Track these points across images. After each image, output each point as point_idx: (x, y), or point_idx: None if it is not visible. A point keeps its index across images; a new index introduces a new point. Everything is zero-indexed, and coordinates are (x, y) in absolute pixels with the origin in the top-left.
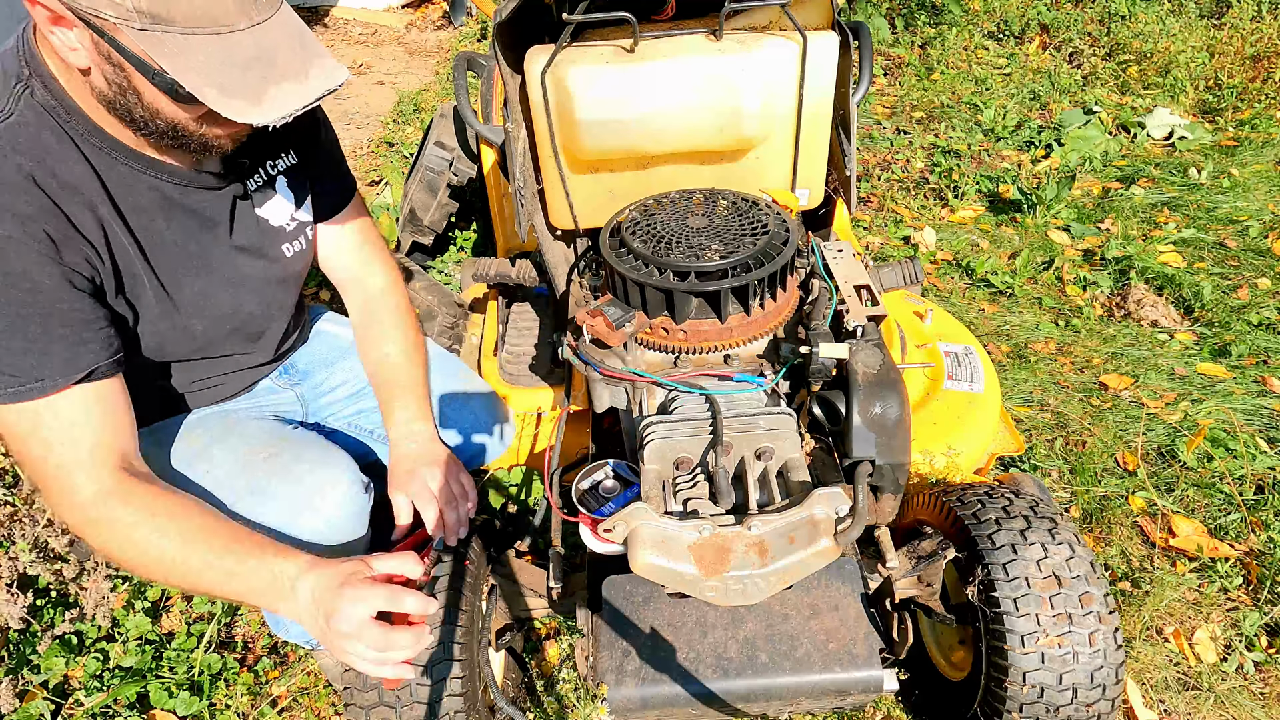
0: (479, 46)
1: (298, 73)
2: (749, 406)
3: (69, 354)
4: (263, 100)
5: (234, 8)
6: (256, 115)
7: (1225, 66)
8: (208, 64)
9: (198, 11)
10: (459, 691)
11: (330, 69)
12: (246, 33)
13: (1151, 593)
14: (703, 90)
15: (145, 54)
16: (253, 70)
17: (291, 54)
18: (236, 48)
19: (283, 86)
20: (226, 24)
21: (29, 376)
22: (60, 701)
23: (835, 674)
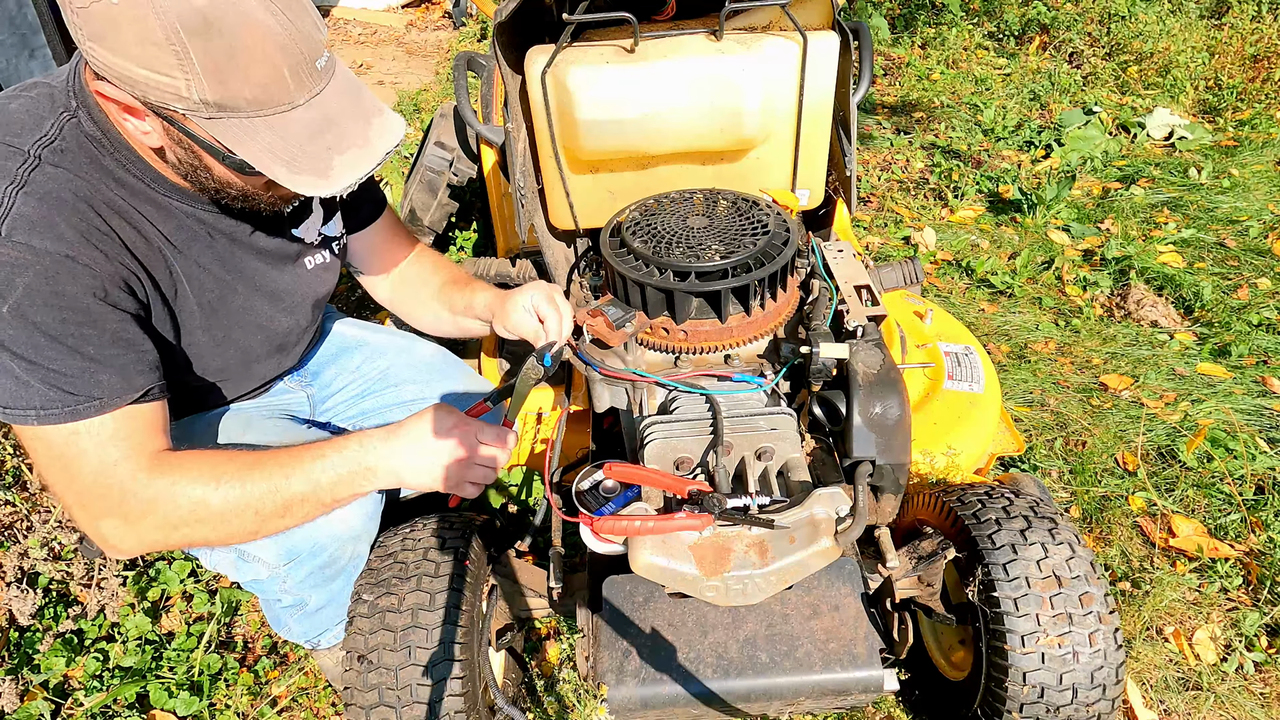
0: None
1: (360, 137)
2: (749, 406)
3: (125, 375)
4: (330, 172)
5: (293, 86)
6: (325, 188)
7: (1225, 66)
8: (274, 144)
9: (260, 95)
10: (459, 691)
11: (388, 125)
12: (306, 106)
13: (1151, 593)
14: (703, 90)
15: (214, 139)
16: (317, 143)
17: (352, 119)
18: (299, 124)
19: (347, 156)
20: (287, 102)
21: (85, 397)
22: (60, 701)
23: (835, 674)
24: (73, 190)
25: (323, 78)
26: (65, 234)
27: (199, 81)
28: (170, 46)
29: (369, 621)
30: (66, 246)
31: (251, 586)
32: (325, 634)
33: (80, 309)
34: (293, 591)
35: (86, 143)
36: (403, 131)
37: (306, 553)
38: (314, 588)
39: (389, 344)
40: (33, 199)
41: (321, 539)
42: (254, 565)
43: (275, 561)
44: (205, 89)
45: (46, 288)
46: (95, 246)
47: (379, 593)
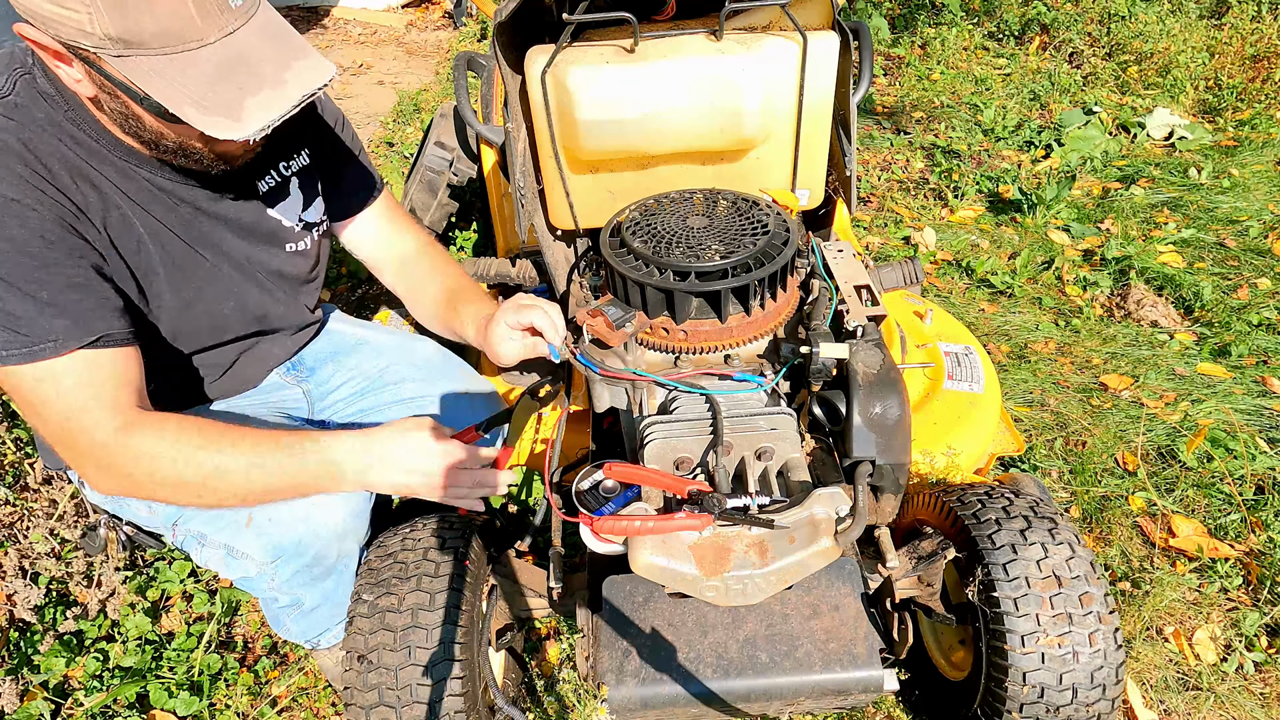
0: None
1: (275, 79)
2: (749, 406)
3: (80, 318)
4: (241, 114)
5: (200, 22)
6: (237, 130)
7: (1225, 66)
8: (183, 82)
9: (164, 30)
10: (459, 691)
11: (310, 69)
12: (218, 44)
13: (1151, 593)
14: (703, 90)
15: (127, 79)
16: (228, 82)
17: (270, 60)
18: (209, 63)
19: (260, 96)
20: (195, 39)
21: (41, 337)
22: (60, 701)
23: (835, 674)
24: (22, 140)
25: (239, 16)
26: (8, 178)
27: (100, 15)
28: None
29: (369, 621)
30: (10, 189)
31: (243, 584)
32: (325, 634)
33: (29, 252)
34: (283, 590)
35: (40, 100)
36: (325, 77)
37: (292, 550)
38: (304, 586)
39: (388, 343)
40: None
41: (306, 537)
42: (243, 562)
43: (262, 559)
44: (107, 22)
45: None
46: (42, 192)
47: (379, 593)
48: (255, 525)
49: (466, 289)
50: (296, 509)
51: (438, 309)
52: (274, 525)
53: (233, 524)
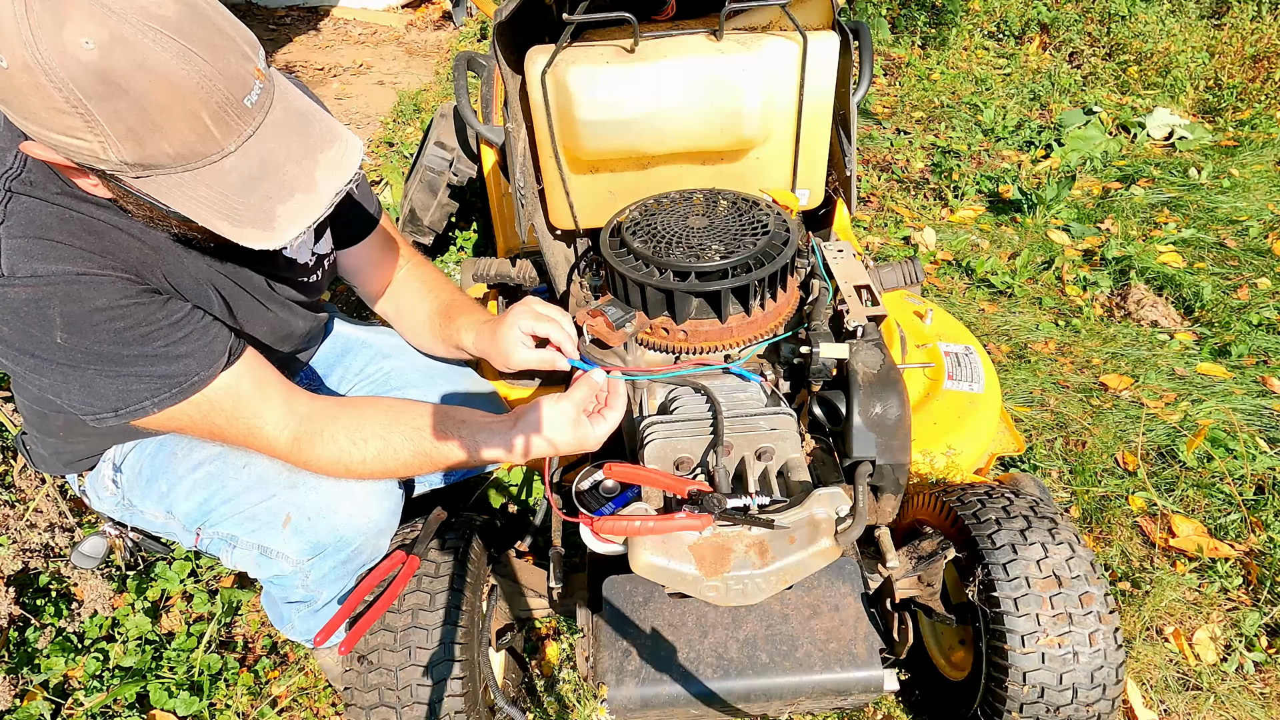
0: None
1: (305, 181)
2: (749, 406)
3: (203, 347)
4: (274, 223)
5: (219, 134)
6: (271, 240)
7: (1225, 66)
8: (210, 198)
9: (183, 151)
10: (459, 691)
11: (340, 159)
12: (239, 153)
13: (1151, 593)
14: (703, 90)
15: (150, 195)
16: (255, 192)
17: (295, 159)
18: (233, 173)
19: (290, 204)
20: (215, 151)
21: (183, 377)
22: (60, 701)
23: (835, 674)
24: (55, 216)
25: (256, 115)
26: (64, 253)
27: (114, 144)
28: (76, 112)
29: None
30: (72, 264)
31: (271, 582)
32: None
33: (123, 314)
34: (311, 586)
35: (53, 173)
36: (358, 160)
37: (332, 547)
38: (335, 583)
39: (392, 346)
40: (17, 231)
41: (347, 534)
42: (277, 561)
43: (299, 557)
44: (122, 151)
45: (80, 308)
46: (98, 254)
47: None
48: (294, 525)
49: (461, 302)
50: (337, 507)
51: (431, 325)
52: (313, 523)
53: (268, 524)
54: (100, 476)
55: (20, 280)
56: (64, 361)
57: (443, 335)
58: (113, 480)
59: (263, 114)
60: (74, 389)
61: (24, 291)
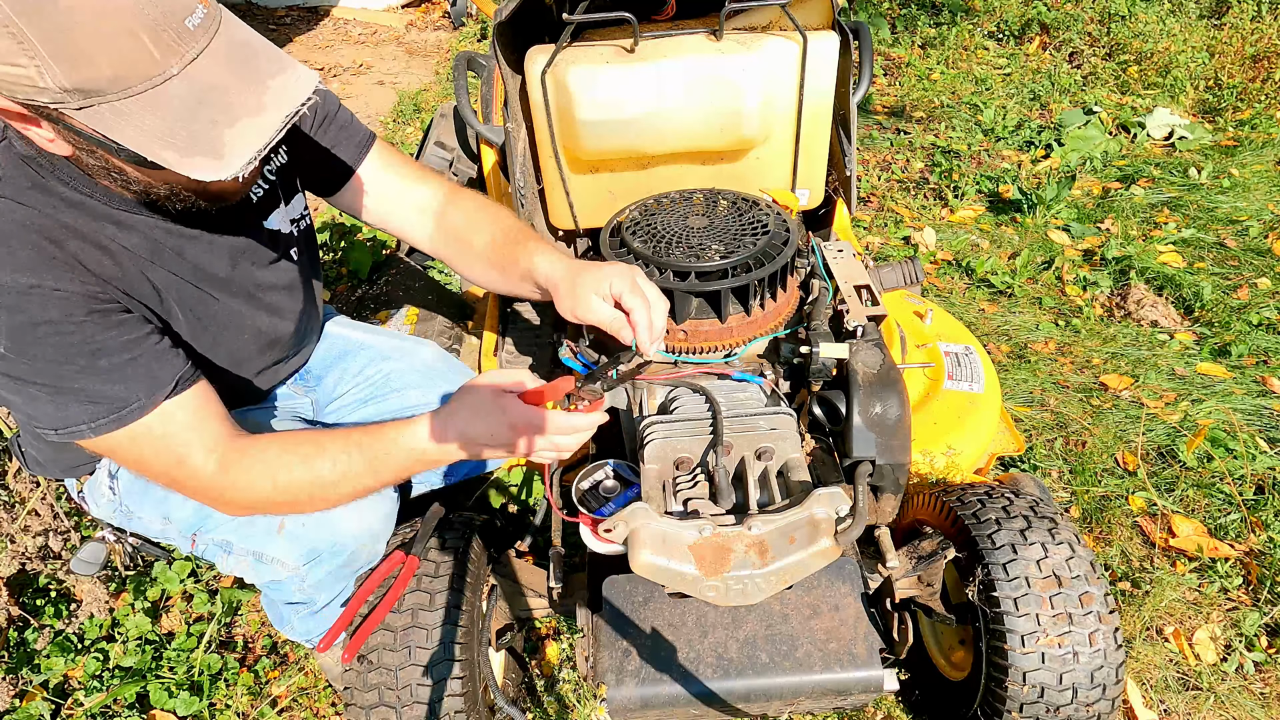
0: (479, 46)
1: (252, 105)
2: (749, 406)
3: (150, 373)
4: (222, 150)
5: (159, 54)
6: (221, 169)
7: (1225, 66)
8: (154, 126)
9: (121, 72)
10: (459, 691)
11: (289, 84)
12: (181, 76)
13: (1151, 593)
14: (703, 90)
15: (95, 130)
16: (200, 118)
17: (240, 84)
18: (175, 99)
19: (238, 127)
20: (157, 74)
21: (123, 402)
22: (60, 701)
23: (835, 674)
24: (19, 221)
25: (199, 39)
26: (21, 264)
27: (49, 67)
28: (7, 31)
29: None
30: (28, 276)
31: (268, 588)
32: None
33: (71, 331)
34: (308, 590)
35: (24, 165)
36: (309, 88)
37: (327, 553)
38: (330, 587)
39: (390, 347)
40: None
41: (342, 539)
42: (272, 567)
43: (295, 563)
44: (59, 74)
45: (26, 319)
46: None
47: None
48: (288, 531)
49: (530, 230)
50: (332, 513)
51: (494, 249)
52: (308, 530)
53: (263, 531)
54: (98, 483)
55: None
56: (6, 373)
57: (506, 260)
58: (109, 487)
59: (206, 39)
60: (17, 401)
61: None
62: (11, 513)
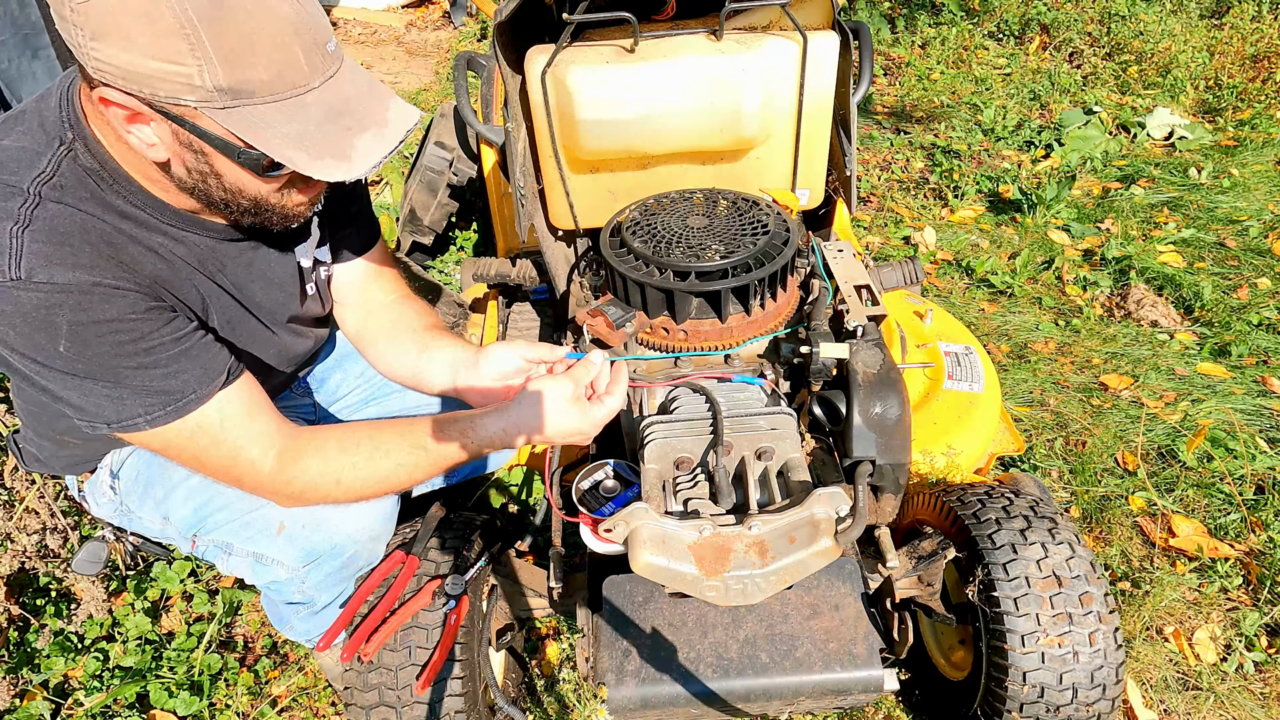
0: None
1: (378, 119)
2: (749, 406)
3: (202, 365)
4: (350, 154)
5: (306, 66)
6: (347, 170)
7: (1225, 66)
8: (290, 131)
9: (275, 79)
10: (459, 691)
11: (403, 109)
12: (322, 89)
13: (1151, 593)
14: (703, 90)
15: (229, 133)
16: (335, 124)
17: (367, 101)
18: (315, 107)
19: (365, 136)
20: (303, 84)
21: (179, 394)
22: (60, 701)
23: (835, 674)
24: (78, 224)
25: (335, 60)
26: (81, 262)
27: (212, 67)
28: (182, 32)
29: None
30: (89, 274)
31: (268, 588)
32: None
33: (129, 328)
34: (309, 591)
35: (86, 177)
36: (418, 115)
37: (327, 554)
38: (331, 588)
39: None
40: (40, 236)
41: (341, 541)
42: (272, 568)
43: (295, 564)
44: (219, 74)
45: (88, 318)
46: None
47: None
48: (288, 533)
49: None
50: (331, 514)
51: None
52: (308, 531)
53: (263, 532)
54: (99, 482)
55: (35, 285)
56: (64, 370)
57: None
58: (111, 486)
59: (338, 63)
60: (73, 397)
61: (36, 296)
62: (9, 511)
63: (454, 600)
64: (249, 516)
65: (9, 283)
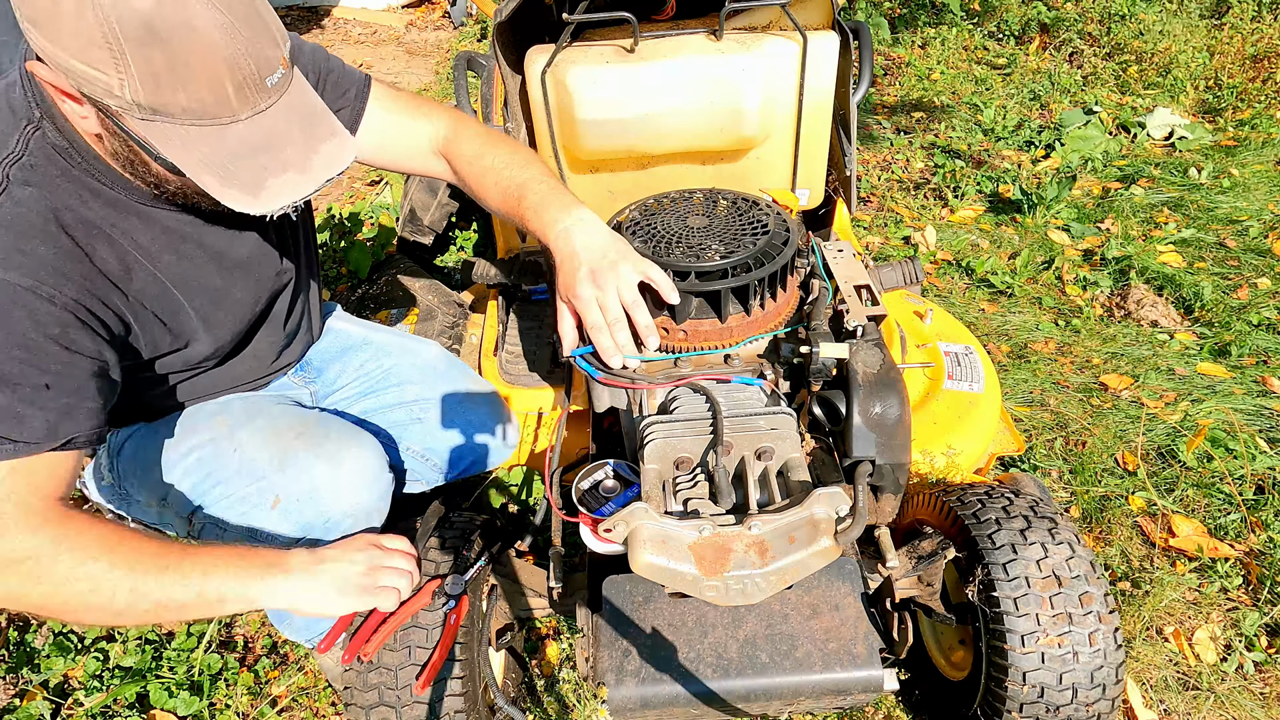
0: (479, 46)
1: (301, 162)
2: (749, 406)
3: (54, 420)
4: (261, 191)
5: (234, 100)
6: (253, 205)
7: (1225, 66)
8: (206, 154)
9: (196, 107)
10: (459, 691)
11: (336, 152)
12: (248, 123)
13: (1151, 593)
14: (703, 90)
15: (146, 139)
16: (254, 160)
17: (297, 141)
18: (237, 139)
19: (284, 177)
20: (227, 116)
21: (2, 437)
22: (60, 701)
23: (835, 674)
24: (44, 209)
25: (272, 95)
26: (29, 264)
27: (133, 84)
28: (107, 45)
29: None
30: (29, 277)
31: None
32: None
33: (24, 343)
34: None
35: (55, 154)
36: (348, 161)
37: (319, 530)
38: None
39: (392, 344)
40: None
41: (334, 515)
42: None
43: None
44: (139, 92)
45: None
46: (64, 276)
47: None
48: (282, 506)
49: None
50: (324, 490)
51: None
52: (300, 505)
53: (257, 506)
54: (97, 465)
55: None
56: None
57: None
58: (108, 469)
59: (278, 96)
60: None
61: None
62: None
63: (454, 600)
64: (244, 491)
65: None
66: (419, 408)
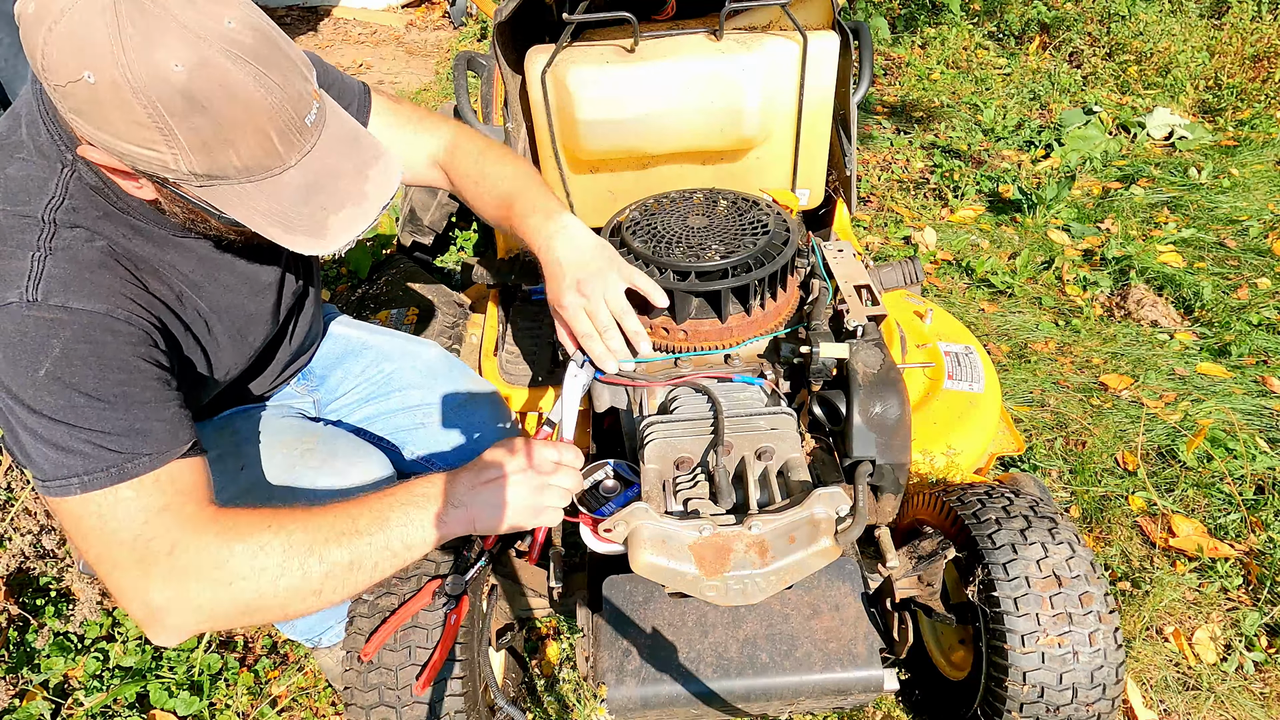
0: (479, 46)
1: (356, 193)
2: (749, 406)
3: (172, 427)
4: (325, 232)
5: (283, 150)
6: (321, 247)
7: (1225, 66)
8: (267, 207)
9: (249, 164)
10: (459, 691)
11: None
12: (299, 167)
13: (1151, 593)
14: (703, 90)
15: (208, 204)
16: (311, 203)
17: (348, 172)
18: (292, 186)
19: (343, 213)
20: (278, 166)
21: (133, 452)
22: (60, 701)
23: (835, 674)
24: (96, 248)
25: (314, 132)
26: (99, 291)
27: (186, 156)
28: (155, 125)
29: (369, 621)
30: (103, 304)
31: None
32: (326, 632)
33: (121, 364)
34: None
35: (94, 195)
36: (400, 173)
37: None
38: None
39: (392, 347)
40: (63, 262)
41: None
42: None
43: None
44: (194, 162)
45: (84, 346)
46: (131, 300)
47: (379, 592)
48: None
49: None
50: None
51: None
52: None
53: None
54: None
55: (47, 307)
56: (30, 404)
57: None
58: None
59: (319, 132)
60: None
61: (42, 317)
62: (5, 511)
63: (454, 600)
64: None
65: (22, 304)
66: (421, 413)
